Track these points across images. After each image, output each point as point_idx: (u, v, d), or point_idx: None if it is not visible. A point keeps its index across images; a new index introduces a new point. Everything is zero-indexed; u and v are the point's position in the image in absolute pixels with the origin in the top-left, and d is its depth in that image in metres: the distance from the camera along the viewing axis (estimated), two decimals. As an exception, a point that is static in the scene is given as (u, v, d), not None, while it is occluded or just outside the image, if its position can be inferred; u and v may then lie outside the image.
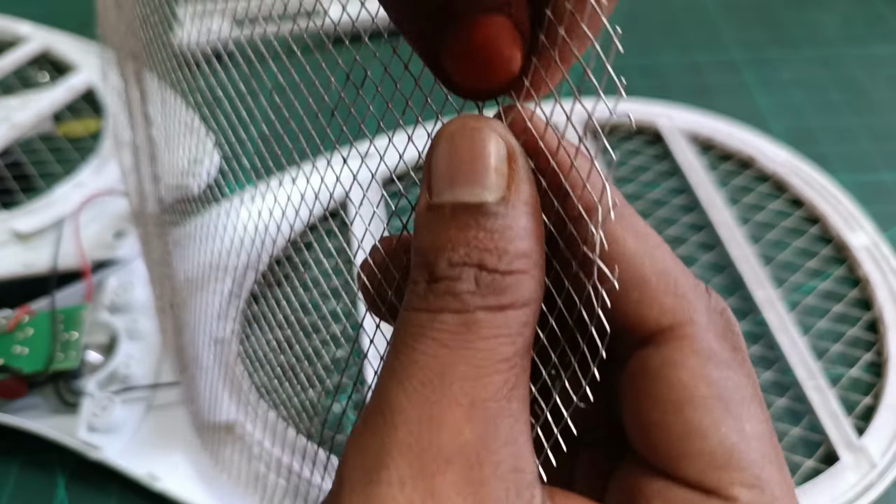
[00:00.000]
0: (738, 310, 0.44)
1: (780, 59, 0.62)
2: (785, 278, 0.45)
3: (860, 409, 0.39)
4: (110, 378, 0.40)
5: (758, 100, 0.58)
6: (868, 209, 0.49)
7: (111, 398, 0.38)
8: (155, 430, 0.38)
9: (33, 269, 0.44)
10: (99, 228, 0.47)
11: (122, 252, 0.45)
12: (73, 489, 0.37)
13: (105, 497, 0.37)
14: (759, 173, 0.52)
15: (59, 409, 0.39)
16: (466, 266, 0.13)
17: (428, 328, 0.13)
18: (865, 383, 0.40)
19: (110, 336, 0.42)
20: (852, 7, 0.68)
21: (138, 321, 0.42)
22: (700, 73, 0.61)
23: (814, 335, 0.42)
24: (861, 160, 0.53)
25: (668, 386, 0.14)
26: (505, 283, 0.13)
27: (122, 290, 0.43)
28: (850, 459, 0.37)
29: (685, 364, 0.14)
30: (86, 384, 0.39)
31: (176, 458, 0.37)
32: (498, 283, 0.13)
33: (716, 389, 0.14)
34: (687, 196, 0.50)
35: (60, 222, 0.47)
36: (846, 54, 0.62)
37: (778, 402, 0.40)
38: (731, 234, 0.47)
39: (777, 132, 0.55)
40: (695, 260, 0.47)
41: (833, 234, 0.48)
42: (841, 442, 0.37)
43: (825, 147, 0.54)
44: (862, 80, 0.60)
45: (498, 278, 0.13)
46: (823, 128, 0.56)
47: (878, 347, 0.42)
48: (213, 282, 0.42)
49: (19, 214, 0.48)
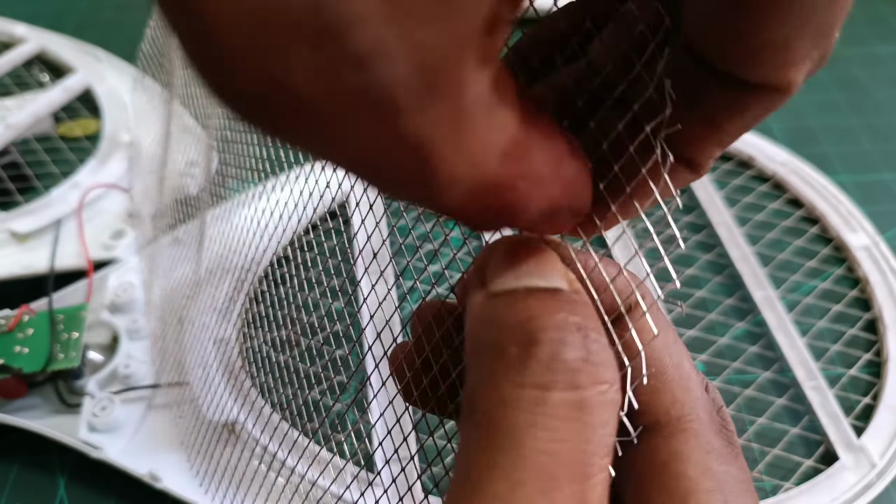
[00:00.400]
0: (738, 310, 0.44)
1: (779, 59, 0.62)
2: (784, 278, 0.45)
3: (859, 410, 0.39)
4: (111, 378, 0.40)
5: (757, 99, 0.58)
6: (867, 209, 0.49)
7: (111, 398, 0.38)
8: (156, 429, 0.38)
9: (31, 269, 0.44)
10: (97, 229, 0.47)
11: (120, 252, 0.45)
12: (74, 489, 0.37)
13: (105, 497, 0.37)
14: (758, 173, 0.52)
15: (60, 408, 0.39)
16: (569, 329, 0.12)
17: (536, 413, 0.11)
18: (865, 383, 0.41)
19: (111, 336, 0.42)
20: (852, 7, 0.68)
21: (139, 321, 0.42)
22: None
23: (813, 335, 0.42)
24: (861, 160, 0.53)
25: (676, 477, 0.14)
26: (607, 355, 0.12)
27: (123, 289, 0.43)
28: (850, 459, 0.37)
29: (691, 457, 0.14)
30: (86, 384, 0.39)
31: (177, 457, 0.37)
32: (603, 352, 0.12)
33: (718, 483, 0.14)
34: (686, 196, 0.50)
35: (58, 223, 0.47)
36: (846, 54, 0.62)
37: (777, 403, 0.40)
38: (730, 234, 0.47)
39: (777, 132, 0.55)
40: (694, 260, 0.47)
41: (832, 234, 0.48)
42: (840, 442, 0.37)
43: (825, 147, 0.54)
44: (862, 79, 0.60)
45: (602, 346, 0.12)
46: (823, 128, 0.56)
47: (877, 347, 0.42)
48: (213, 282, 0.42)
49: (17, 215, 0.48)
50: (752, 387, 0.40)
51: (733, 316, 0.44)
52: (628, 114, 0.14)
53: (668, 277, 0.15)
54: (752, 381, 0.41)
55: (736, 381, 0.41)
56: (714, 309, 0.44)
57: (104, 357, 0.41)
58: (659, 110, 0.13)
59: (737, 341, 0.42)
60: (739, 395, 0.40)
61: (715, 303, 0.44)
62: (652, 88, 0.13)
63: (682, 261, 0.46)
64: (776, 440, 0.38)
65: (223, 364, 0.39)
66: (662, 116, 0.13)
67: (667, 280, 0.16)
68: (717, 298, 0.45)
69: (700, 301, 0.44)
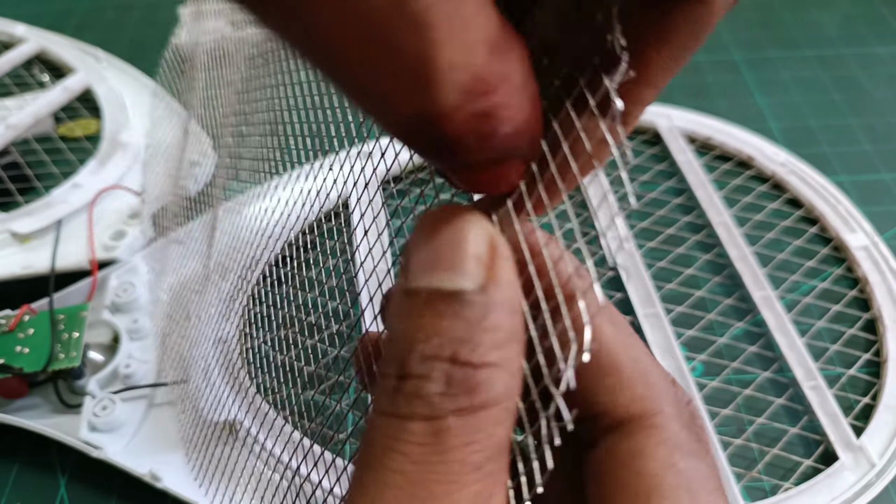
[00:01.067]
0: (737, 310, 0.44)
1: (779, 59, 0.62)
2: (783, 278, 0.45)
3: (859, 409, 0.39)
4: (111, 377, 0.40)
5: (757, 99, 0.58)
6: (866, 209, 0.49)
7: (112, 398, 0.38)
8: (156, 429, 0.38)
9: (32, 270, 0.45)
10: (98, 229, 0.47)
11: (120, 252, 0.45)
12: (74, 489, 0.38)
13: (106, 497, 0.37)
14: (757, 173, 0.52)
15: (60, 408, 0.39)
16: (438, 360, 0.13)
17: (396, 439, 0.13)
18: (864, 383, 0.41)
19: (111, 336, 0.42)
20: (852, 7, 0.68)
21: (139, 321, 0.42)
22: (700, 73, 0.61)
23: (812, 335, 0.43)
24: (860, 160, 0.53)
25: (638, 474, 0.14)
26: (477, 380, 0.13)
27: (123, 289, 0.43)
28: (849, 459, 0.37)
29: (654, 454, 0.14)
30: (87, 384, 0.39)
31: (177, 457, 0.37)
32: (470, 379, 0.13)
33: (683, 479, 0.14)
34: (686, 196, 0.50)
35: (59, 223, 0.47)
36: (846, 54, 0.62)
37: (776, 403, 0.40)
38: (729, 234, 0.47)
39: (776, 132, 0.55)
40: (693, 260, 0.47)
41: (832, 234, 0.48)
42: (839, 442, 0.37)
43: (824, 147, 0.54)
44: (862, 80, 0.60)
45: (470, 373, 0.13)
46: (823, 128, 0.56)
47: (876, 347, 0.42)
48: (214, 282, 0.42)
49: (17, 216, 0.48)
50: (752, 387, 0.40)
51: (732, 316, 0.44)
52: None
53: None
54: (751, 380, 0.41)
55: (735, 381, 0.41)
56: (713, 309, 0.44)
57: (105, 357, 0.41)
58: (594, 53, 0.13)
59: (736, 341, 0.42)
60: (739, 395, 0.40)
61: (714, 303, 0.44)
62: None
63: (681, 261, 0.46)
64: (775, 440, 0.38)
65: (223, 364, 0.40)
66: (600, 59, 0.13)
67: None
68: (716, 298, 0.45)
69: (699, 301, 0.44)
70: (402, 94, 0.11)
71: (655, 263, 0.46)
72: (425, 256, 0.13)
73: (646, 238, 0.48)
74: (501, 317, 0.13)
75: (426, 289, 0.13)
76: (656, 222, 0.49)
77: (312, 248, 0.45)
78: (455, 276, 0.13)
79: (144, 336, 0.42)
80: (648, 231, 0.48)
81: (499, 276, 0.13)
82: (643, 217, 0.49)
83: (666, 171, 0.52)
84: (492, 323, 0.13)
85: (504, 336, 0.13)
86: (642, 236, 0.48)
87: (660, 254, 0.47)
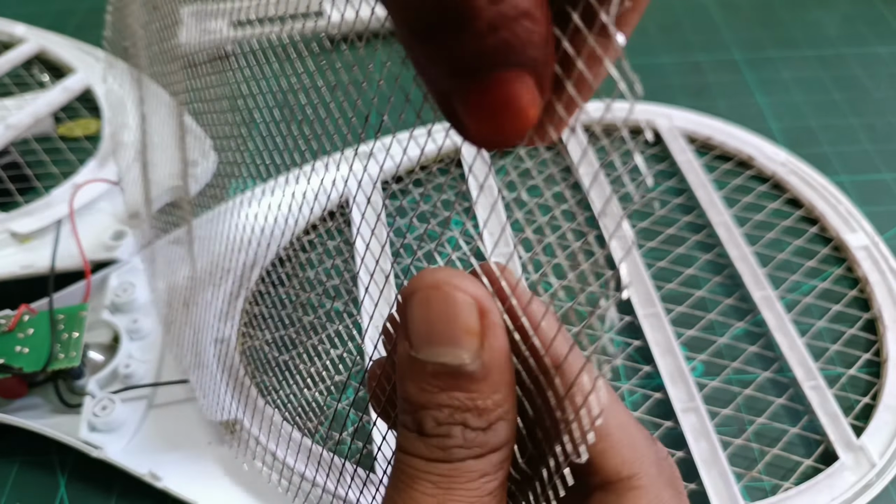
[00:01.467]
0: (737, 310, 0.44)
1: (779, 59, 0.62)
2: (783, 278, 0.45)
3: (859, 409, 0.39)
4: (111, 377, 0.40)
5: (757, 99, 0.58)
6: (867, 209, 0.49)
7: (112, 398, 0.38)
8: (156, 429, 0.38)
9: (32, 270, 0.45)
10: (97, 229, 0.47)
11: (120, 252, 0.45)
12: (74, 489, 0.38)
13: (106, 497, 0.37)
14: (758, 173, 0.52)
15: (60, 408, 0.39)
16: (452, 425, 0.16)
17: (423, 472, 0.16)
18: (864, 383, 0.41)
19: (111, 336, 0.42)
20: (852, 7, 0.68)
21: (139, 321, 0.42)
22: (700, 73, 0.61)
23: (812, 335, 0.43)
24: (860, 160, 0.53)
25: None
26: (486, 436, 0.16)
27: (123, 289, 0.43)
28: (849, 459, 0.37)
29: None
30: (86, 384, 0.39)
31: (177, 457, 0.37)
32: (481, 438, 0.16)
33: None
34: (686, 196, 0.50)
35: (59, 223, 0.47)
36: (846, 54, 0.62)
37: (776, 402, 0.40)
38: (729, 234, 0.47)
39: (776, 132, 0.55)
40: (693, 260, 0.47)
41: (832, 234, 0.48)
42: (840, 442, 0.37)
43: (824, 147, 0.54)
44: (862, 79, 0.60)
45: (481, 435, 0.16)
46: (823, 127, 0.56)
47: (876, 347, 0.42)
48: (214, 282, 0.42)
49: (17, 216, 0.48)
50: (752, 387, 0.40)
51: (733, 316, 0.44)
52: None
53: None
54: (751, 380, 0.41)
55: (735, 381, 0.41)
56: (713, 309, 0.44)
57: (104, 357, 0.41)
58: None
59: (736, 341, 0.42)
60: (739, 395, 0.40)
61: (714, 303, 0.44)
62: None
63: (681, 261, 0.46)
64: (775, 440, 0.38)
65: (224, 363, 0.40)
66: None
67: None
68: (716, 298, 0.45)
69: (699, 301, 0.44)
70: (445, 23, 0.12)
71: (655, 263, 0.46)
72: (424, 329, 0.16)
73: (646, 238, 0.48)
74: (497, 379, 0.16)
75: (430, 362, 0.16)
76: (656, 222, 0.49)
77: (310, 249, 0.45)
78: (454, 349, 0.15)
79: (144, 336, 0.42)
80: (648, 231, 0.48)
81: (490, 340, 0.16)
82: (643, 217, 0.49)
83: (666, 171, 0.52)
84: (490, 387, 0.16)
85: (502, 395, 0.16)
86: (642, 236, 0.48)
87: (660, 254, 0.47)
